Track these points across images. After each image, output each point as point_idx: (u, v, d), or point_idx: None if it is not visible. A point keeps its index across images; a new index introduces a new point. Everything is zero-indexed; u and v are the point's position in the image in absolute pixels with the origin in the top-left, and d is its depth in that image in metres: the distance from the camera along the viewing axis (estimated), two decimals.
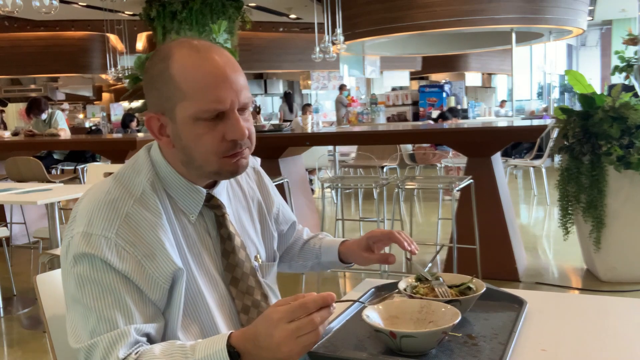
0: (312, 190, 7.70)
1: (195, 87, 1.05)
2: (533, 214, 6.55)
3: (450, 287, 1.23)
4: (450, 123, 7.88)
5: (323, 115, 13.56)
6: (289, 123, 6.18)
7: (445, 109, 9.57)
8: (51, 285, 1.28)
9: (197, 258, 1.14)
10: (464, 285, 1.23)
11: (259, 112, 6.76)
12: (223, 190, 1.22)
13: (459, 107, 10.56)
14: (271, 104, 18.15)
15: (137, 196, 1.08)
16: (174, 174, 1.13)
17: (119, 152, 5.27)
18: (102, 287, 1.00)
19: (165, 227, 1.08)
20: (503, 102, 14.82)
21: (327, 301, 0.89)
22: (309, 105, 11.09)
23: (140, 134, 7.76)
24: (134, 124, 10.90)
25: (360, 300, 1.08)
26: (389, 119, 10.90)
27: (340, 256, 1.40)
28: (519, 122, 7.12)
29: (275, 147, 4.65)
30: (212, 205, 1.18)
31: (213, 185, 1.20)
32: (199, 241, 1.16)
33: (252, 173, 1.36)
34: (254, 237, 1.28)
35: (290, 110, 13.44)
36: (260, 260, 1.27)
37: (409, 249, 1.29)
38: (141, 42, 12.47)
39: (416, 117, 10.72)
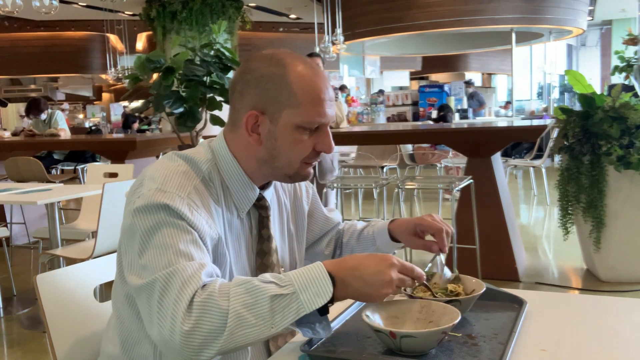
0: None
1: (309, 99, 1.14)
2: (533, 214, 6.55)
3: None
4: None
5: None
6: None
7: (436, 111, 9.49)
8: (51, 285, 1.28)
9: (236, 251, 1.19)
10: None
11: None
12: (269, 195, 1.27)
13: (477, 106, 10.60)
14: None
15: (200, 178, 1.15)
16: (236, 167, 1.19)
17: (119, 152, 5.26)
18: (178, 229, 1.04)
19: (219, 213, 1.15)
20: (508, 103, 14.72)
21: (421, 279, 1.06)
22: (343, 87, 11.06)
23: (146, 133, 7.74)
24: (135, 125, 10.88)
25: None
26: (389, 119, 10.90)
27: (390, 234, 1.40)
28: (519, 122, 7.12)
29: None
30: (261, 205, 1.24)
31: (264, 187, 1.25)
32: (242, 236, 1.21)
33: (289, 186, 1.38)
34: (280, 245, 1.31)
35: None
36: (282, 269, 1.30)
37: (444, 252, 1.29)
38: (141, 42, 12.46)
39: (416, 117, 10.72)
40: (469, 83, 12.00)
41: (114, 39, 12.62)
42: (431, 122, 7.92)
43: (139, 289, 1.02)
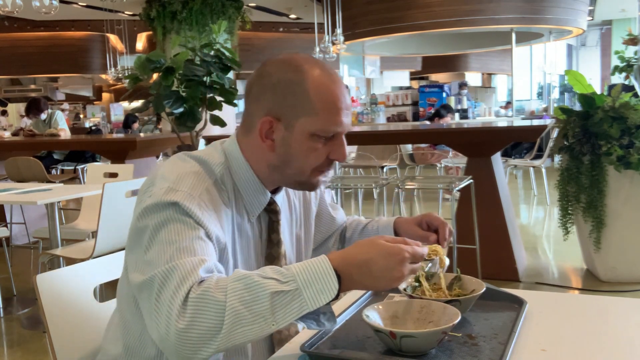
0: None
1: (326, 108, 1.12)
2: (533, 214, 6.55)
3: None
4: (446, 120, 7.88)
5: None
6: None
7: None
8: (51, 285, 1.28)
9: (245, 255, 1.18)
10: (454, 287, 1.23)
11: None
12: (280, 199, 1.26)
13: (459, 106, 10.57)
14: None
15: (213, 180, 1.13)
16: (249, 171, 1.18)
17: (119, 152, 5.26)
18: (185, 225, 1.03)
19: (228, 216, 1.13)
20: (508, 104, 14.70)
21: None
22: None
23: (142, 134, 7.76)
24: (136, 125, 10.87)
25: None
26: (389, 119, 10.89)
27: (395, 229, 1.39)
28: (519, 122, 7.12)
29: None
30: (271, 210, 1.23)
31: (275, 191, 1.24)
32: (251, 240, 1.20)
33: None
34: (289, 250, 1.30)
35: None
36: None
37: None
38: (141, 42, 12.46)
39: (416, 117, 10.72)
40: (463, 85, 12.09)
41: (114, 39, 12.62)
42: (428, 122, 7.93)
43: (140, 286, 1.01)
